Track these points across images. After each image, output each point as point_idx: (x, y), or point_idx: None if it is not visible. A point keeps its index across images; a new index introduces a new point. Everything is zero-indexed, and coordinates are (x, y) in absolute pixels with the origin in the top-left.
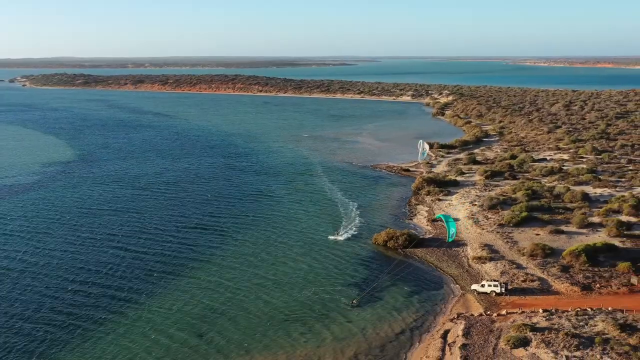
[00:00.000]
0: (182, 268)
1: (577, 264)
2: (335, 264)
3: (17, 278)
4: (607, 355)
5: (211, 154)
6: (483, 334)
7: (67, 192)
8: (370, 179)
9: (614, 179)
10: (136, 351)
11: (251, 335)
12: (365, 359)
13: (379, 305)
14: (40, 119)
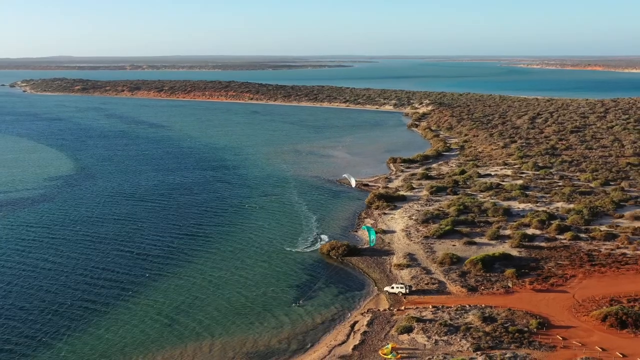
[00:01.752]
0: (169, 268)
1: (473, 270)
2: (285, 269)
3: (41, 274)
4: (464, 339)
5: (202, 167)
6: (382, 324)
7: (75, 203)
8: (333, 194)
9: (540, 194)
10: (131, 328)
11: (214, 321)
12: (292, 342)
13: (311, 303)
14: (45, 130)
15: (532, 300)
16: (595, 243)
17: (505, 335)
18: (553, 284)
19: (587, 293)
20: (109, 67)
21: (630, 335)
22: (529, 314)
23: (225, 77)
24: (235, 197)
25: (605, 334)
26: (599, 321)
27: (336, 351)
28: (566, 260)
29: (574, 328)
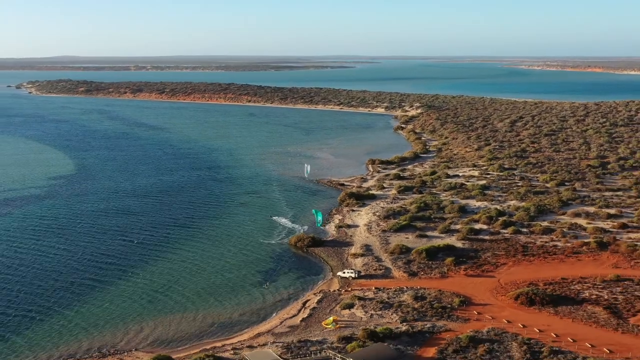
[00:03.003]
0: (162, 254)
1: (418, 259)
2: (257, 257)
3: (52, 258)
4: (395, 313)
5: (197, 167)
6: (329, 302)
7: (80, 199)
8: (312, 192)
9: (497, 194)
10: (128, 301)
11: (192, 298)
12: (252, 316)
13: (275, 285)
14: (52, 132)
15: (461, 283)
16: (533, 236)
17: (430, 310)
18: (484, 270)
19: (511, 278)
20: (113, 68)
21: (535, 311)
22: (455, 294)
23: (227, 78)
24: (225, 195)
25: (515, 310)
26: (512, 300)
27: (287, 322)
28: (502, 251)
29: (490, 305)
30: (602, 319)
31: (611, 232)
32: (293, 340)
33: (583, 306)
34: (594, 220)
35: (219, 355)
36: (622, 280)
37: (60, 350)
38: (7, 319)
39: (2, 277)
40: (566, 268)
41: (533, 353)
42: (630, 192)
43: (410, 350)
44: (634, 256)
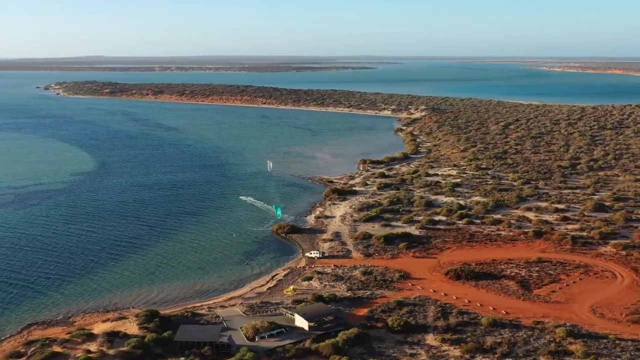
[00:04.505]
0: (169, 235)
1: (376, 243)
2: (244, 240)
3: (80, 237)
4: (344, 284)
5: (209, 165)
6: (294, 276)
7: (104, 191)
8: (303, 188)
9: (465, 190)
10: (138, 270)
11: (184, 270)
12: (229, 285)
13: (254, 262)
14: (79, 132)
15: (407, 263)
16: (483, 227)
17: (373, 282)
18: (430, 253)
19: (450, 259)
20: (139, 69)
21: (459, 284)
22: (398, 271)
23: (247, 79)
24: (228, 189)
25: (443, 283)
26: (443, 275)
27: (255, 290)
28: (451, 238)
29: (424, 279)
30: (512, 290)
31: (552, 223)
32: (257, 302)
33: (500, 280)
34: (541, 213)
35: (197, 312)
36: (543, 262)
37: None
38: (48, 281)
39: (41, 252)
40: (500, 252)
41: (444, 313)
42: (587, 190)
43: (347, 310)
44: (562, 243)
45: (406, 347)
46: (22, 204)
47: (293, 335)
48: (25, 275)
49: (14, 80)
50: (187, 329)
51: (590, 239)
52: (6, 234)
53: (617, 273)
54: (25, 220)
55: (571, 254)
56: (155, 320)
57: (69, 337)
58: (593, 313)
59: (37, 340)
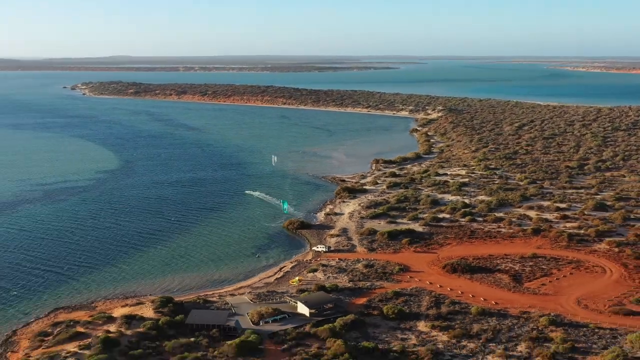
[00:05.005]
0: (188, 228)
1: (381, 239)
2: (256, 235)
3: (106, 229)
4: (346, 275)
5: (229, 164)
6: (300, 268)
7: (128, 187)
8: (316, 187)
9: (472, 190)
10: (158, 259)
11: (200, 262)
12: (240, 275)
13: (264, 255)
14: (104, 132)
15: (407, 257)
16: (484, 224)
17: (373, 274)
18: (430, 248)
19: (448, 254)
20: (164, 69)
21: (455, 276)
22: (398, 264)
23: (270, 79)
24: (245, 187)
25: (440, 276)
26: (440, 269)
27: (264, 280)
28: (453, 235)
29: (422, 272)
30: (504, 283)
31: (552, 222)
32: (264, 291)
33: (494, 274)
34: (542, 212)
35: (208, 299)
36: (537, 257)
37: (107, 291)
38: (74, 270)
39: (69, 243)
40: (498, 248)
41: (437, 303)
42: (591, 190)
43: (347, 299)
44: (558, 240)
45: (398, 332)
46: (51, 200)
47: (295, 321)
48: (54, 265)
49: (43, 80)
50: (198, 313)
51: (586, 237)
52: (37, 227)
53: (607, 268)
54: (55, 215)
55: (566, 250)
56: (170, 306)
57: (91, 320)
58: (578, 304)
59: (63, 322)
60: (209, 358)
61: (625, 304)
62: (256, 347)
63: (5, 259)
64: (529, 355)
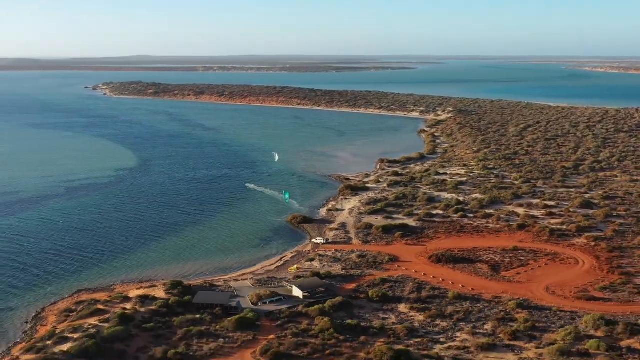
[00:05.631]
0: (201, 220)
1: (376, 232)
2: (262, 228)
3: (130, 220)
4: (340, 264)
5: (242, 162)
6: (299, 257)
7: (147, 184)
8: (321, 185)
9: (468, 188)
10: (173, 248)
11: (210, 250)
12: (244, 264)
13: (268, 246)
14: (124, 132)
15: (398, 249)
16: (474, 220)
17: (365, 264)
18: (420, 241)
19: (436, 246)
20: (183, 69)
21: (439, 266)
22: (389, 255)
23: (287, 79)
24: (257, 183)
25: (426, 265)
26: (426, 259)
27: (265, 268)
28: (443, 229)
29: (410, 262)
30: (483, 272)
31: (538, 218)
32: (264, 277)
33: (475, 264)
34: (531, 209)
35: (214, 283)
36: (518, 250)
37: (125, 276)
38: (101, 256)
39: (95, 233)
40: (483, 241)
41: (418, 288)
42: (582, 189)
43: (338, 284)
44: (540, 235)
45: (381, 313)
46: (76, 195)
47: (289, 302)
48: (79, 252)
49: (65, 81)
50: (203, 294)
51: (567, 232)
52: (65, 219)
53: (581, 260)
54: (80, 208)
55: (545, 244)
56: (179, 288)
57: (110, 299)
58: (546, 291)
59: (85, 301)
60: (211, 331)
61: (590, 291)
62: (253, 323)
63: (36, 247)
64: (493, 332)
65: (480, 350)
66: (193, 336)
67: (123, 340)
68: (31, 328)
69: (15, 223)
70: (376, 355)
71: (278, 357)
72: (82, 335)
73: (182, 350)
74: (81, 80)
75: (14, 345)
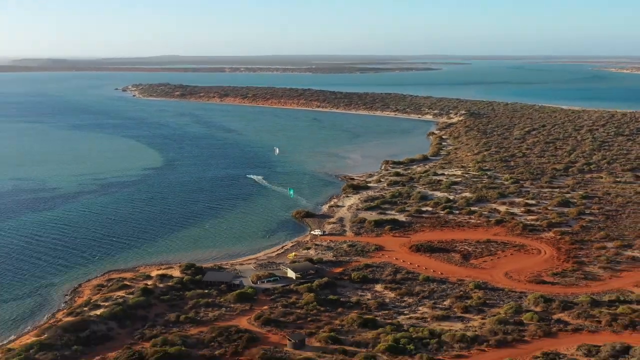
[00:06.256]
0: (218, 213)
1: (368, 226)
2: (269, 221)
3: (158, 213)
4: (331, 252)
5: (260, 162)
6: (298, 247)
7: (175, 181)
8: (327, 183)
9: (459, 188)
10: (192, 236)
11: (222, 239)
12: (249, 251)
13: (273, 237)
14: (152, 133)
15: (385, 240)
16: (459, 216)
17: (353, 252)
18: (406, 233)
19: (419, 238)
20: (210, 69)
21: (418, 255)
22: (376, 245)
23: (311, 80)
24: (270, 182)
25: (406, 254)
26: (408, 249)
27: (267, 255)
28: (428, 223)
29: (393, 251)
30: (455, 260)
31: (517, 215)
32: (265, 262)
33: (449, 253)
34: (512, 207)
35: (222, 266)
36: (490, 242)
37: (148, 260)
38: (129, 243)
39: (127, 224)
40: (462, 234)
41: (395, 272)
42: (565, 189)
43: (327, 268)
44: (513, 229)
45: (359, 291)
46: (109, 190)
47: (284, 281)
48: (110, 239)
49: (96, 82)
50: (212, 273)
51: (538, 227)
52: (100, 211)
53: (543, 250)
54: (113, 202)
55: (516, 237)
56: (192, 269)
57: (135, 277)
58: (505, 276)
59: (114, 279)
60: (216, 303)
61: (542, 276)
62: (251, 297)
63: (77, 234)
64: (449, 307)
65: (434, 320)
66: (201, 306)
67: (144, 308)
68: (70, 299)
69: (60, 214)
70: (347, 322)
71: (268, 322)
72: (112, 304)
73: (192, 315)
74: (111, 82)
75: (57, 311)
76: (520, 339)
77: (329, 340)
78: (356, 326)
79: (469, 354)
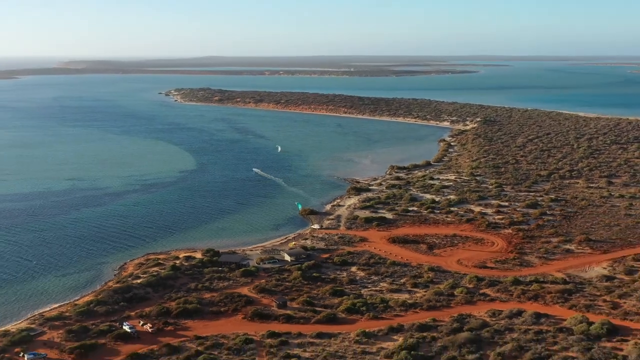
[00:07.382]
0: (240, 209)
1: (358, 222)
2: (279, 217)
3: (187, 210)
4: (324, 242)
5: (282, 166)
6: (298, 238)
7: (205, 182)
8: (335, 186)
9: (447, 191)
10: (212, 228)
11: (237, 231)
12: (258, 240)
13: (280, 229)
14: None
15: (370, 233)
16: (438, 214)
17: (341, 242)
18: (388, 228)
19: (397, 232)
20: (251, 72)
21: (392, 245)
22: (361, 237)
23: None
24: (287, 184)
25: (383, 244)
26: (385, 240)
27: (272, 243)
28: (410, 220)
29: (373, 242)
30: (421, 250)
31: (488, 214)
32: (269, 248)
33: (418, 245)
34: (486, 208)
35: (235, 252)
36: (455, 236)
37: (179, 245)
38: (164, 232)
39: (164, 217)
40: (434, 229)
41: (370, 258)
42: (540, 193)
43: (317, 254)
44: (479, 226)
45: (338, 271)
46: (151, 189)
47: (280, 263)
48: (150, 230)
49: (141, 85)
50: (225, 256)
51: (501, 224)
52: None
53: (496, 243)
54: (155, 200)
55: (479, 232)
56: (211, 252)
57: (166, 258)
58: (457, 262)
59: (151, 259)
60: (226, 277)
61: (487, 263)
62: (253, 273)
63: (122, 226)
64: (403, 283)
65: (388, 292)
66: (214, 279)
67: (173, 279)
68: (118, 272)
69: (111, 209)
70: (321, 292)
71: (263, 291)
72: (149, 276)
73: (207, 285)
74: (155, 85)
75: (109, 281)
76: (447, 305)
77: (305, 303)
78: (328, 295)
79: (405, 314)
